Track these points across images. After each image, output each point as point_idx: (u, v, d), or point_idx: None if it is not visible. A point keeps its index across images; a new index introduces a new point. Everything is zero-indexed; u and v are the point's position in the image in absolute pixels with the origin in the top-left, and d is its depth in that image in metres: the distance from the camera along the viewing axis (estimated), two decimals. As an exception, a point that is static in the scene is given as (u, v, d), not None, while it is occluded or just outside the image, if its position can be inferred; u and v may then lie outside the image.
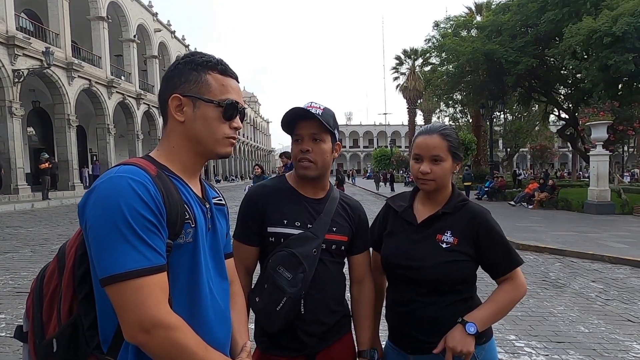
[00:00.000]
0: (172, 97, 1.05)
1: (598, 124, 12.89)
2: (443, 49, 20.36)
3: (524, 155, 62.03)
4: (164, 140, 1.10)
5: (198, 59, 1.07)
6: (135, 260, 0.87)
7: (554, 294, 5.19)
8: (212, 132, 1.06)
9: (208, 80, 1.06)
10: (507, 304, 1.47)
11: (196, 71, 1.06)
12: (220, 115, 1.06)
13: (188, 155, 1.08)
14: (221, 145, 1.09)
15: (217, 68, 1.08)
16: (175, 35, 36.63)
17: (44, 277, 1.06)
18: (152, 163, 1.02)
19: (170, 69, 1.09)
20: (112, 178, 0.92)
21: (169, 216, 0.95)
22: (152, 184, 0.94)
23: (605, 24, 12.69)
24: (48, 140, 23.79)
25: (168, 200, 0.96)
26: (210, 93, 1.05)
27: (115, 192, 0.89)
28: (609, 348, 3.63)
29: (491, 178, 19.88)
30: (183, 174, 1.08)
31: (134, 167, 0.95)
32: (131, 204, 0.88)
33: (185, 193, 1.04)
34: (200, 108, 1.05)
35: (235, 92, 1.09)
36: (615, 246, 7.71)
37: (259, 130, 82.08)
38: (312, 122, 1.48)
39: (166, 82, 1.08)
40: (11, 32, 17.22)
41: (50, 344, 0.98)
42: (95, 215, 0.89)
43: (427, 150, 1.48)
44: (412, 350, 1.53)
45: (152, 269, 0.88)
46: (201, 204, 1.09)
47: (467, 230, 1.48)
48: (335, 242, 1.55)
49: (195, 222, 1.03)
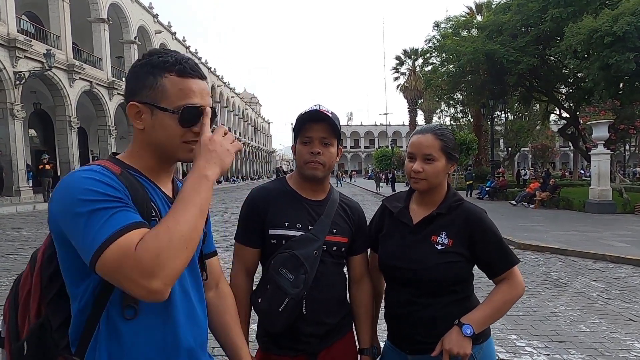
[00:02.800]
0: (130, 104, 1.01)
1: (599, 123, 12.87)
2: (444, 49, 20.37)
3: (525, 155, 61.93)
4: (131, 144, 1.08)
5: (155, 61, 1.00)
6: (110, 226, 0.83)
7: (555, 293, 5.19)
8: (171, 139, 1.01)
9: (164, 85, 0.99)
10: (504, 304, 1.47)
11: (152, 75, 0.99)
12: (177, 122, 1.00)
13: (151, 159, 1.06)
14: (182, 150, 1.03)
15: (174, 69, 1.00)
16: (175, 36, 36.70)
17: (20, 281, 1.06)
18: (116, 163, 1.00)
19: (129, 73, 1.05)
20: (69, 175, 0.92)
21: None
22: (114, 177, 0.93)
23: (606, 23, 12.67)
24: (49, 142, 23.84)
25: (134, 196, 0.94)
26: (166, 99, 0.99)
27: (68, 185, 0.88)
28: (610, 347, 3.63)
29: (493, 177, 19.88)
30: (150, 174, 1.06)
31: (96, 166, 0.95)
32: (86, 187, 0.86)
33: (151, 191, 1.02)
34: (157, 115, 1.00)
35: (196, 94, 1.01)
36: (617, 245, 7.70)
37: (259, 131, 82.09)
38: (322, 125, 1.51)
39: (126, 87, 1.04)
40: (12, 34, 17.27)
41: (22, 346, 0.98)
42: (57, 211, 0.88)
43: (419, 149, 1.49)
44: (411, 351, 1.53)
45: (129, 226, 0.84)
46: (169, 203, 1.06)
47: (462, 230, 1.49)
48: (336, 244, 1.57)
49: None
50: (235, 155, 1.01)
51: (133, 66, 1.03)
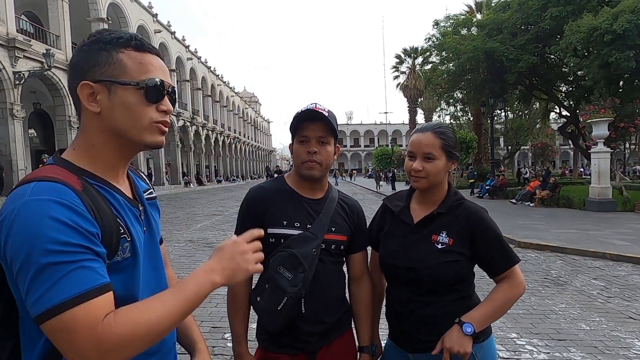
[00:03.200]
0: (81, 84, 0.88)
1: (599, 121, 12.87)
2: (443, 47, 20.35)
3: (525, 153, 61.94)
4: (79, 138, 0.93)
5: (106, 37, 0.90)
6: (68, 288, 0.73)
7: (555, 291, 5.19)
8: (135, 120, 0.90)
9: (122, 59, 0.89)
10: (504, 303, 1.47)
11: (105, 51, 0.88)
12: (143, 98, 0.90)
13: (112, 152, 0.93)
14: (149, 133, 0.92)
15: (130, 44, 0.90)
16: (175, 36, 36.65)
17: None
18: (72, 172, 0.87)
19: (75, 54, 0.92)
20: (27, 203, 0.77)
21: (102, 234, 0.83)
22: (77, 201, 0.80)
23: (606, 21, 12.67)
24: (49, 142, 23.82)
25: (100, 216, 0.83)
26: (126, 75, 0.88)
27: (31, 223, 0.75)
28: (610, 345, 3.63)
29: (493, 176, 19.89)
30: (109, 174, 0.93)
31: (54, 185, 0.80)
32: (51, 236, 0.74)
33: (114, 203, 0.91)
34: (116, 93, 0.88)
35: (159, 70, 0.93)
36: (617, 243, 7.70)
37: (259, 130, 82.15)
38: (319, 124, 1.51)
39: (73, 69, 0.91)
40: (12, 34, 17.25)
41: None
42: (15, 252, 0.75)
43: (419, 148, 1.49)
44: (412, 349, 1.54)
45: (88, 293, 0.75)
46: (133, 209, 0.96)
47: (462, 229, 1.49)
48: (335, 242, 1.57)
49: (131, 235, 0.91)
50: (251, 269, 0.92)
51: (80, 46, 0.92)
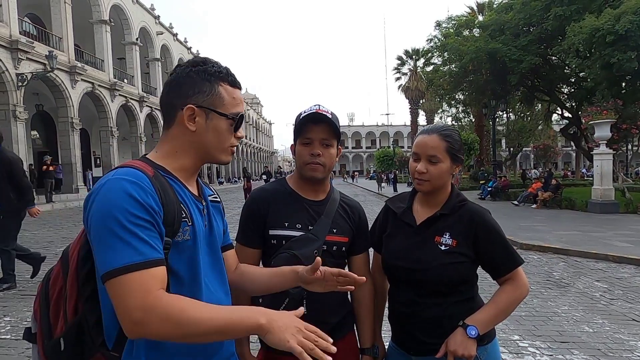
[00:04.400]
0: (187, 107, 1.07)
1: (601, 123, 12.82)
2: (445, 48, 20.35)
3: (527, 155, 61.83)
4: (165, 144, 1.12)
5: (210, 69, 1.10)
6: (129, 255, 0.89)
7: (558, 293, 5.17)
8: (221, 143, 1.12)
9: (221, 92, 1.09)
10: (508, 305, 1.46)
11: (209, 82, 1.08)
12: (231, 127, 1.11)
13: (189, 160, 1.12)
14: (225, 153, 1.14)
15: (227, 80, 1.11)
16: (177, 37, 36.77)
17: (49, 279, 1.08)
18: (149, 164, 1.05)
19: (180, 74, 1.10)
20: (110, 181, 0.96)
21: (165, 214, 0.98)
22: (148, 183, 0.97)
23: (608, 22, 12.65)
24: (52, 143, 23.89)
25: (165, 199, 0.99)
26: (223, 106, 1.09)
27: (110, 195, 0.93)
28: (613, 348, 3.62)
29: (495, 177, 19.85)
30: (180, 174, 1.10)
31: (130, 169, 0.99)
32: (123, 206, 0.91)
33: (181, 193, 1.07)
34: (212, 120, 1.09)
35: (242, 104, 1.15)
36: (620, 245, 7.68)
37: (261, 131, 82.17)
38: (322, 126, 1.51)
39: (176, 87, 1.09)
40: (14, 36, 17.33)
41: (58, 343, 1.00)
42: (94, 218, 0.93)
43: (424, 150, 1.49)
44: (415, 352, 1.53)
45: (144, 263, 0.90)
46: (197, 203, 1.12)
47: (466, 231, 1.48)
48: (336, 243, 1.57)
49: (192, 221, 1.06)
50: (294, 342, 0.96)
51: (186, 71, 1.09)
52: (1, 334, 3.95)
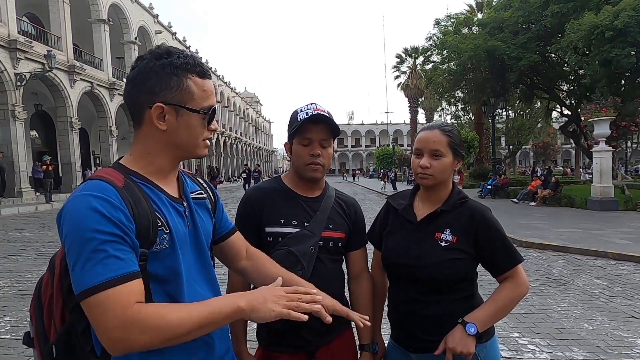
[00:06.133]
0: (155, 106, 1.01)
1: (600, 120, 12.83)
2: (444, 46, 20.33)
3: (526, 153, 61.88)
4: (137, 145, 1.07)
5: (176, 61, 1.03)
6: (101, 273, 0.86)
7: (557, 291, 5.18)
8: (194, 138, 1.07)
9: (189, 86, 1.03)
10: (508, 302, 1.46)
11: (176, 76, 1.02)
12: (203, 122, 1.06)
13: (163, 160, 1.07)
14: (200, 148, 1.09)
15: (196, 71, 1.04)
16: (176, 36, 36.73)
17: (41, 285, 1.08)
18: (121, 172, 1.01)
19: (143, 69, 1.02)
20: (76, 198, 0.93)
21: (139, 227, 0.95)
22: (116, 196, 0.94)
23: (607, 18, 12.65)
24: (51, 143, 23.88)
25: (137, 211, 0.95)
26: (193, 101, 1.03)
27: (76, 215, 0.90)
28: (613, 345, 3.62)
29: (494, 175, 19.84)
30: (155, 176, 1.07)
31: (98, 182, 0.95)
32: (91, 225, 0.89)
33: (156, 200, 1.03)
34: (183, 117, 1.03)
35: (213, 95, 1.09)
36: (619, 242, 7.68)
37: (260, 130, 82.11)
38: (322, 126, 1.52)
39: (141, 84, 1.02)
40: (13, 35, 17.30)
41: (51, 349, 1.01)
42: (66, 238, 0.91)
43: (427, 145, 1.49)
44: (415, 349, 1.53)
45: (118, 279, 0.88)
46: (177, 205, 1.08)
47: (466, 228, 1.48)
48: (332, 239, 1.59)
49: (170, 228, 1.02)
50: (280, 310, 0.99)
51: (150, 65, 1.02)
52: (1, 334, 3.95)
